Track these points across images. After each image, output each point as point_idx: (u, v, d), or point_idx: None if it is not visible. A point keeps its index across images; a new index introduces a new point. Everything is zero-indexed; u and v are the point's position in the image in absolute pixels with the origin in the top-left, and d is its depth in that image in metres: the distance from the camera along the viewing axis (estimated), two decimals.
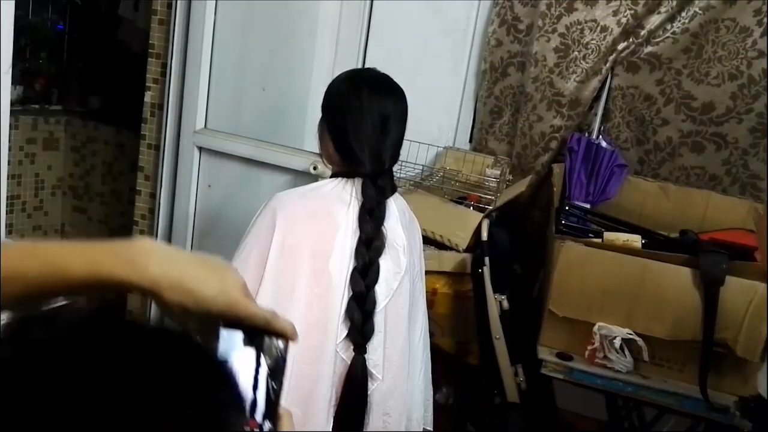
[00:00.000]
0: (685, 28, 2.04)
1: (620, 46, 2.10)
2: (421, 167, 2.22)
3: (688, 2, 2.02)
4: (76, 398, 0.35)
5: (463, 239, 1.91)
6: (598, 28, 2.11)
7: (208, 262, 0.58)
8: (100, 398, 0.36)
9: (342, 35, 2.47)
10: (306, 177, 2.45)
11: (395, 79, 1.42)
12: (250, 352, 0.54)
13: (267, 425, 0.50)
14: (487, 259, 1.79)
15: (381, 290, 1.34)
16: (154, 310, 2.92)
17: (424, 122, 2.28)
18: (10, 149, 2.27)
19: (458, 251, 1.91)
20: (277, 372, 0.54)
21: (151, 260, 0.55)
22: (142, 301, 2.96)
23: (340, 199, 1.34)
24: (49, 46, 3.53)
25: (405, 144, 1.47)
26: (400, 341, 1.41)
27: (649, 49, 2.09)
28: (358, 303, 1.31)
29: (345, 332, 1.32)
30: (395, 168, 1.48)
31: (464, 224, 1.94)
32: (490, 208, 1.98)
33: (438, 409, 1.83)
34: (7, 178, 2.26)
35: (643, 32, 2.07)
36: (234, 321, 0.56)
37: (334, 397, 1.34)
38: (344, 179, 1.37)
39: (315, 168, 2.43)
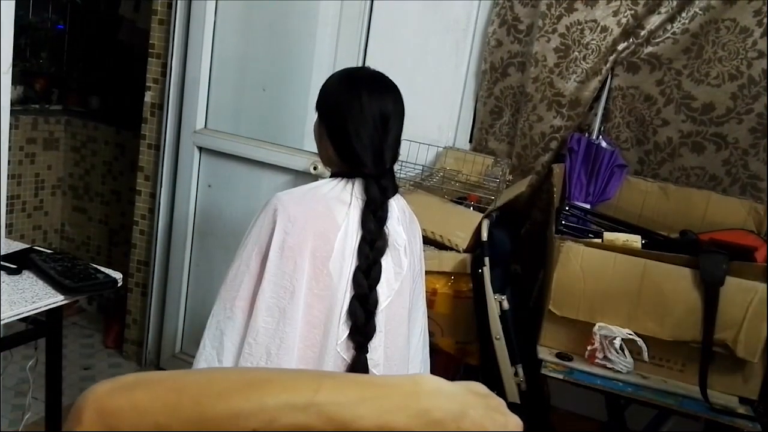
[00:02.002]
0: (685, 29, 2.05)
1: (620, 47, 2.10)
2: (421, 167, 2.22)
3: (688, 2, 2.02)
4: None
5: (463, 239, 1.91)
6: (599, 29, 2.11)
7: (490, 404, 0.54)
8: None
9: (342, 35, 2.47)
10: (306, 177, 2.45)
11: (396, 79, 1.42)
12: None
13: None
14: (487, 260, 1.79)
15: (382, 290, 1.34)
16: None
17: (424, 122, 2.29)
18: (10, 149, 2.27)
19: (458, 251, 1.91)
20: None
21: (444, 414, 0.50)
22: (141, 300, 2.96)
23: (340, 199, 1.34)
24: (49, 46, 3.53)
25: (405, 144, 1.46)
26: (401, 341, 1.41)
27: (649, 49, 2.10)
28: (360, 303, 1.31)
29: (346, 332, 1.32)
30: (395, 168, 1.48)
31: (464, 224, 1.94)
32: (490, 208, 1.98)
33: None
34: (7, 178, 2.26)
35: (643, 32, 2.07)
36: None
37: None
38: (344, 179, 1.37)
39: (315, 168, 2.43)
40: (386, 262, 1.34)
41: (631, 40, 2.10)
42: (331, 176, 1.42)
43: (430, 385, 0.51)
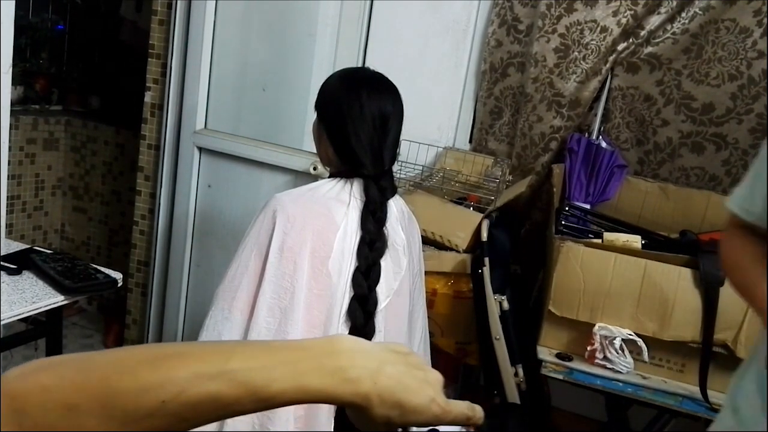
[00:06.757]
0: (685, 29, 2.05)
1: (620, 47, 2.10)
2: (421, 168, 2.22)
3: (688, 3, 2.02)
4: None
5: (462, 240, 1.91)
6: (598, 29, 2.11)
7: (409, 361, 0.53)
8: None
9: (342, 35, 2.47)
10: (306, 177, 2.45)
11: (395, 79, 1.42)
12: None
13: None
14: (486, 260, 1.79)
15: (381, 290, 1.34)
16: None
17: (424, 122, 2.29)
18: (10, 149, 2.27)
19: (458, 252, 1.91)
20: None
21: (361, 371, 0.50)
22: (141, 300, 2.96)
23: (338, 200, 1.34)
24: (49, 46, 3.53)
25: (405, 144, 1.47)
26: (401, 340, 1.41)
27: (649, 49, 2.10)
28: (360, 303, 1.31)
29: (346, 332, 1.32)
30: (395, 168, 1.48)
31: (464, 225, 1.94)
32: (490, 208, 1.98)
33: None
34: (7, 178, 2.26)
35: (643, 33, 2.07)
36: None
37: None
38: (343, 179, 1.37)
39: (315, 168, 2.43)
40: (385, 262, 1.34)
41: (630, 40, 2.10)
42: (329, 176, 1.42)
43: (346, 344, 0.51)
